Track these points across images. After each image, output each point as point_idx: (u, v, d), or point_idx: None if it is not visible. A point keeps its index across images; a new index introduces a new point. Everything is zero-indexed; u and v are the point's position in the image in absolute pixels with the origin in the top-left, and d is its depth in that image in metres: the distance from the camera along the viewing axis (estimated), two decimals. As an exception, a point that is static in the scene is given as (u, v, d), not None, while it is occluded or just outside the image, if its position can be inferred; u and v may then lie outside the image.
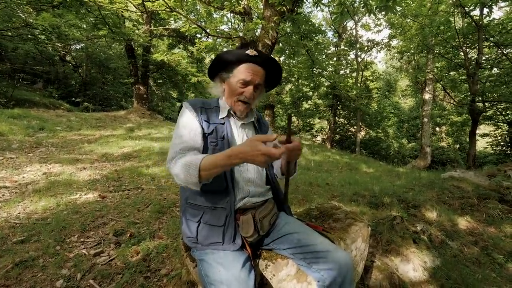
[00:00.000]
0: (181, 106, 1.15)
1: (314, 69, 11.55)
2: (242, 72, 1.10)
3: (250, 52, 1.10)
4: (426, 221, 2.66)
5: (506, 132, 12.07)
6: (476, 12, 8.66)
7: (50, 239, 1.94)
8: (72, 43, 13.26)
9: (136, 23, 10.63)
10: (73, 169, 3.64)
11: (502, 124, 12.04)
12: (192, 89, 15.50)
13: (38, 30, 11.03)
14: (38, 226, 2.12)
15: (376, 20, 14.42)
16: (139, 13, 9.39)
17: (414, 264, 1.94)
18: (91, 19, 8.90)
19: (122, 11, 8.04)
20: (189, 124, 1.08)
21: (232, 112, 1.16)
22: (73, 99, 13.09)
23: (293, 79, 15.91)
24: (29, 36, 10.54)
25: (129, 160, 4.45)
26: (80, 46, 14.23)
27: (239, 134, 1.17)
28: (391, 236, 2.12)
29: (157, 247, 1.97)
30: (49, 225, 2.13)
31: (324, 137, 18.50)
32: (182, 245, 1.22)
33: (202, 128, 1.08)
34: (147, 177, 3.57)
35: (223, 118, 1.14)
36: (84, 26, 10.77)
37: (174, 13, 6.41)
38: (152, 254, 1.89)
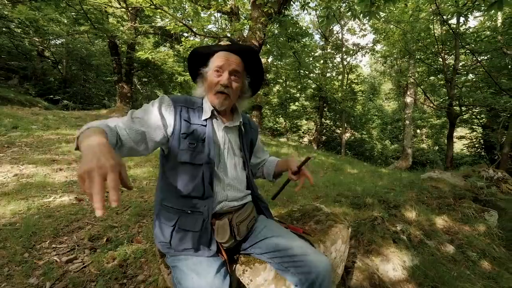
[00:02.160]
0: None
1: (301, 71, 11.69)
2: (215, 60, 1.07)
3: (223, 42, 1.08)
4: (406, 221, 2.73)
5: (480, 135, 12.70)
6: (454, 21, 9.07)
7: (18, 246, 1.82)
8: (51, 38, 12.69)
9: (120, 20, 10.32)
10: (48, 170, 3.46)
11: (477, 127, 12.67)
12: (178, 88, 15.25)
13: (13, 23, 10.49)
14: (5, 232, 1.99)
15: (361, 25, 14.79)
16: (124, 10, 9.14)
17: (394, 264, 1.98)
18: (72, 13, 8.55)
19: (105, 7, 7.79)
20: (155, 110, 0.99)
21: (215, 114, 1.10)
22: (52, 96, 12.53)
23: (280, 81, 16.03)
24: (3, 29, 9.98)
25: (109, 160, 4.29)
26: (60, 42, 13.64)
27: (222, 137, 1.11)
28: (372, 237, 2.15)
29: (135, 252, 1.89)
30: (17, 231, 2.00)
31: (311, 138, 18.75)
32: (157, 250, 1.17)
33: (178, 128, 1.00)
34: (128, 179, 3.45)
35: (205, 119, 1.07)
36: (65, 21, 10.35)
37: (160, 10, 6.27)
38: (129, 259, 1.82)
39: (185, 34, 9.93)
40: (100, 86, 15.11)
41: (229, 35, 6.81)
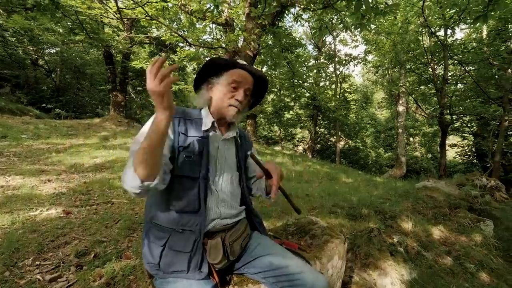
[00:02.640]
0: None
1: (295, 80, 11.82)
2: (234, 75, 1.07)
3: (241, 61, 1.10)
4: (402, 232, 2.70)
5: (471, 143, 12.91)
6: (442, 32, 9.36)
7: (-1, 263, 1.73)
8: (45, 47, 12.63)
9: (116, 30, 10.35)
10: (36, 182, 3.35)
11: (468, 135, 12.90)
12: (173, 97, 15.20)
13: (8, 32, 10.42)
14: (-14, 248, 1.89)
15: (353, 36, 15.15)
16: (119, 20, 9.18)
17: (391, 278, 1.93)
18: (68, 23, 8.54)
19: (101, 17, 7.80)
20: None
21: (215, 125, 1.09)
22: (44, 105, 12.36)
23: (275, 90, 16.18)
24: (-3, 38, 9.92)
25: (100, 171, 4.19)
26: (54, 50, 13.58)
27: (220, 149, 1.09)
28: (369, 249, 2.11)
29: (123, 269, 1.81)
30: (-1, 247, 1.91)
31: (306, 146, 18.81)
32: (146, 271, 1.11)
33: (177, 141, 0.98)
34: (119, 190, 3.36)
35: (203, 131, 1.05)
36: (60, 30, 10.33)
37: (155, 21, 6.31)
38: (117, 277, 1.73)
39: (181, 44, 9.99)
40: (93, 95, 14.98)
41: (224, 45, 6.87)
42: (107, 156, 5.06)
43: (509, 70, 7.70)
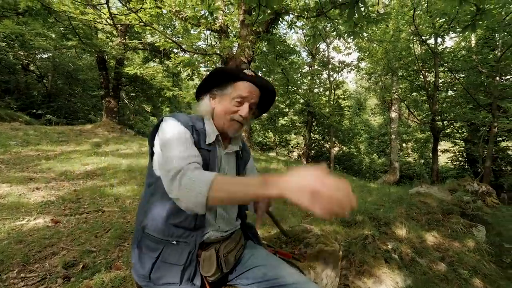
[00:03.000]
0: (161, 121, 0.98)
1: (289, 86, 11.91)
2: (240, 89, 1.00)
3: (248, 71, 1.03)
4: (397, 238, 2.70)
5: (462, 148, 13.15)
6: (432, 41, 9.60)
7: (-19, 277, 1.65)
8: (37, 52, 12.48)
9: (109, 35, 10.31)
10: (23, 190, 3.26)
11: (459, 141, 13.14)
12: (167, 103, 15.18)
13: (-2, 37, 10.29)
14: (-32, 260, 1.81)
15: (346, 44, 15.42)
16: (113, 26, 9.16)
17: (386, 285, 1.92)
18: (61, 28, 8.47)
19: (94, 23, 7.77)
20: (187, 139, 0.92)
21: (220, 139, 1.04)
22: (35, 111, 12.14)
23: (269, 96, 16.24)
24: (-14, 43, 9.77)
25: (92, 178, 4.11)
26: (46, 56, 13.43)
27: (222, 163, 1.05)
28: (363, 256, 2.10)
29: (113, 280, 1.75)
30: (-18, 259, 1.83)
31: (300, 152, 18.86)
32: (135, 282, 1.07)
33: None
34: (110, 198, 3.29)
35: (209, 144, 1.00)
36: (53, 36, 10.24)
37: (149, 27, 6.31)
38: (106, 288, 1.67)
39: (175, 50, 10.01)
40: (86, 101, 14.80)
41: (218, 52, 6.90)
42: (99, 163, 4.97)
43: (497, 78, 7.93)
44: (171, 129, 0.93)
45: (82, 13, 6.64)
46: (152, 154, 0.99)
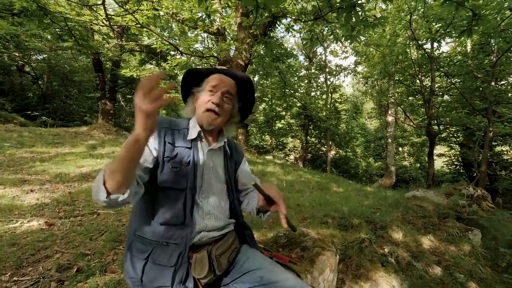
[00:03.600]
0: None
1: (287, 90, 11.96)
2: (210, 81, 1.07)
3: (219, 67, 1.10)
4: (393, 242, 2.70)
5: (458, 153, 13.28)
6: (428, 45, 9.72)
7: (-28, 281, 1.62)
8: (32, 53, 12.41)
9: (106, 37, 10.29)
10: (17, 192, 3.22)
11: (454, 145, 13.26)
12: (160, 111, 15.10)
13: (-8, 38, 10.20)
14: (-41, 264, 1.77)
15: (343, 48, 15.56)
16: (109, 27, 9.14)
17: (383, 289, 1.91)
18: (57, 29, 8.43)
19: (91, 24, 7.75)
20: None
21: (201, 135, 1.07)
22: (30, 112, 12.03)
23: (266, 99, 16.31)
24: (-19, 44, 9.68)
25: (87, 181, 4.06)
26: (42, 57, 13.34)
27: (206, 160, 1.05)
28: (360, 260, 2.09)
29: (108, 283, 1.72)
30: (-26, 262, 1.79)
31: (297, 156, 18.88)
32: (128, 286, 1.06)
33: (162, 151, 0.96)
34: (106, 200, 3.25)
35: (190, 141, 1.03)
36: (48, 37, 10.18)
37: (146, 29, 6.31)
38: (100, 293, 1.65)
39: (172, 53, 10.00)
40: (82, 103, 14.71)
41: (215, 54, 6.91)
42: (94, 165, 4.92)
43: (493, 83, 8.04)
44: None
45: (78, 14, 6.63)
46: None
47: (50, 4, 6.61)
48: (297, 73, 15.06)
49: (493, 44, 8.48)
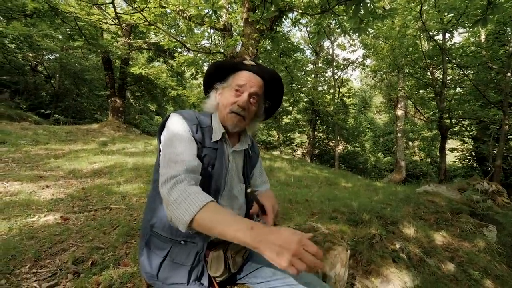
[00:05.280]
0: (168, 117, 0.97)
1: (293, 85, 11.84)
2: (237, 78, 1.00)
3: (247, 62, 1.02)
4: (404, 238, 2.66)
5: (471, 147, 12.91)
6: (440, 36, 9.42)
7: (-5, 272, 1.69)
8: (45, 53, 12.70)
9: (114, 35, 10.41)
10: (34, 187, 3.32)
11: (467, 139, 12.90)
12: (171, 102, 15.28)
13: (7, 39, 10.48)
14: (-19, 256, 1.85)
15: (351, 41, 15.26)
16: (118, 26, 9.23)
17: (394, 285, 1.90)
18: (67, 29, 8.59)
19: (100, 23, 7.86)
20: (188, 140, 0.90)
21: (225, 136, 1.01)
22: (43, 111, 12.37)
23: (273, 94, 16.20)
24: (-3, 45, 9.98)
25: (99, 176, 4.16)
26: (54, 57, 13.64)
27: (230, 162, 1.02)
28: (370, 256, 2.08)
29: (121, 276, 1.77)
30: (-5, 255, 1.87)
31: (304, 151, 18.77)
32: (143, 279, 1.08)
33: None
34: (118, 196, 3.33)
35: (216, 142, 0.98)
36: (59, 37, 10.38)
37: (153, 27, 6.34)
38: (115, 284, 1.70)
39: (179, 50, 10.04)
40: (92, 101, 15.01)
41: (222, 50, 6.90)
42: (106, 161, 5.03)
43: (509, 74, 7.73)
44: (174, 126, 0.93)
45: (87, 14, 6.73)
46: (160, 150, 0.99)
47: (60, 4, 6.72)
48: (304, 68, 14.88)
49: (509, 33, 8.14)
